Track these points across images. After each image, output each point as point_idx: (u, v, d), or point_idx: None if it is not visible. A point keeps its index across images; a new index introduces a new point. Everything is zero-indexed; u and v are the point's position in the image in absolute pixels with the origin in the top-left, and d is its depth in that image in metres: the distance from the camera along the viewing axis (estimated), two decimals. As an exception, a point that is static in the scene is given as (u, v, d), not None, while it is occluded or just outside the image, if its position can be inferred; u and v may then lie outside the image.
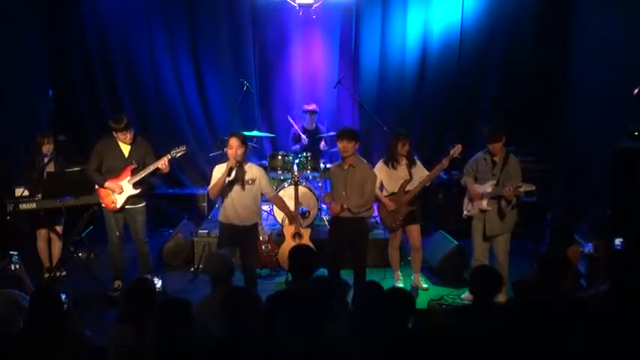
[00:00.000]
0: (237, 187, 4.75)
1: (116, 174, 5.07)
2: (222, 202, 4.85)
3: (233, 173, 4.69)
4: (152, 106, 7.68)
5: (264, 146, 7.91)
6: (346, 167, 4.76)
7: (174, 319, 2.97)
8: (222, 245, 4.87)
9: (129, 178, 5.06)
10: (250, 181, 4.77)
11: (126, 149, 5.12)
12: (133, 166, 5.08)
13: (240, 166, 4.71)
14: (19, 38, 6.56)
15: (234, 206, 4.79)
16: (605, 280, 3.50)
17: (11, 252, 3.91)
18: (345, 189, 4.76)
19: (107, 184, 5.04)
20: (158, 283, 4.96)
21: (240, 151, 4.65)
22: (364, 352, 2.83)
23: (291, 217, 5.42)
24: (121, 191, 5.05)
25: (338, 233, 4.87)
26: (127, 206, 5.12)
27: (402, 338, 2.70)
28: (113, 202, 5.08)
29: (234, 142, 4.65)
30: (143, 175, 5.07)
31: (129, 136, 5.06)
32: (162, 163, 5.02)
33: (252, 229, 4.96)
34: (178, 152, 5.07)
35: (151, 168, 5.04)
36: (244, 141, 4.71)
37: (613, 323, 3.09)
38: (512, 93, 7.51)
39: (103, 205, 5.15)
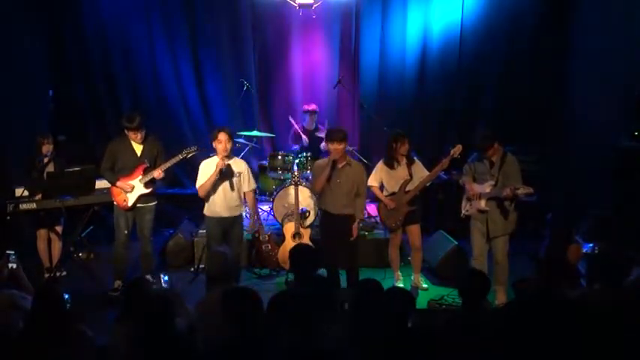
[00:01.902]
0: (226, 181, 4.93)
1: (128, 173, 5.12)
2: (210, 196, 4.97)
3: (224, 170, 4.86)
4: (152, 106, 7.66)
5: (264, 146, 7.92)
6: (340, 165, 4.76)
7: (157, 315, 2.96)
8: (213, 238, 5.02)
9: (141, 177, 5.10)
10: (238, 174, 4.98)
11: (138, 148, 5.16)
12: (146, 165, 5.12)
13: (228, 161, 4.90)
14: (19, 38, 6.56)
15: (224, 199, 4.97)
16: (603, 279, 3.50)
17: (8, 251, 3.91)
18: (336, 186, 4.76)
19: (119, 183, 5.09)
20: (165, 277, 4.89)
21: (229, 146, 4.83)
22: (364, 351, 2.83)
23: (255, 215, 5.50)
24: (132, 190, 5.09)
25: (329, 231, 4.89)
26: (138, 204, 5.16)
27: (402, 338, 2.70)
28: (125, 201, 5.12)
29: (223, 136, 4.81)
30: (155, 175, 5.09)
31: (139, 135, 5.10)
32: (175, 162, 5.09)
33: (239, 219, 5.15)
34: (190, 152, 5.12)
35: (167, 166, 5.08)
36: (232, 136, 4.89)
37: (610, 323, 3.09)
38: (512, 92, 7.50)
39: (114, 203, 5.19)
